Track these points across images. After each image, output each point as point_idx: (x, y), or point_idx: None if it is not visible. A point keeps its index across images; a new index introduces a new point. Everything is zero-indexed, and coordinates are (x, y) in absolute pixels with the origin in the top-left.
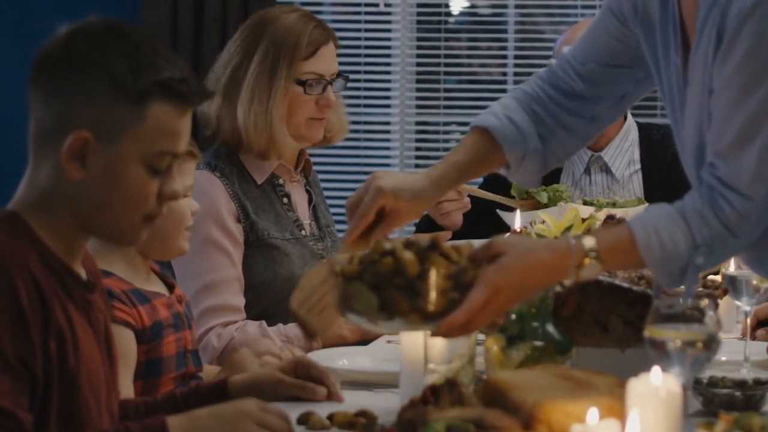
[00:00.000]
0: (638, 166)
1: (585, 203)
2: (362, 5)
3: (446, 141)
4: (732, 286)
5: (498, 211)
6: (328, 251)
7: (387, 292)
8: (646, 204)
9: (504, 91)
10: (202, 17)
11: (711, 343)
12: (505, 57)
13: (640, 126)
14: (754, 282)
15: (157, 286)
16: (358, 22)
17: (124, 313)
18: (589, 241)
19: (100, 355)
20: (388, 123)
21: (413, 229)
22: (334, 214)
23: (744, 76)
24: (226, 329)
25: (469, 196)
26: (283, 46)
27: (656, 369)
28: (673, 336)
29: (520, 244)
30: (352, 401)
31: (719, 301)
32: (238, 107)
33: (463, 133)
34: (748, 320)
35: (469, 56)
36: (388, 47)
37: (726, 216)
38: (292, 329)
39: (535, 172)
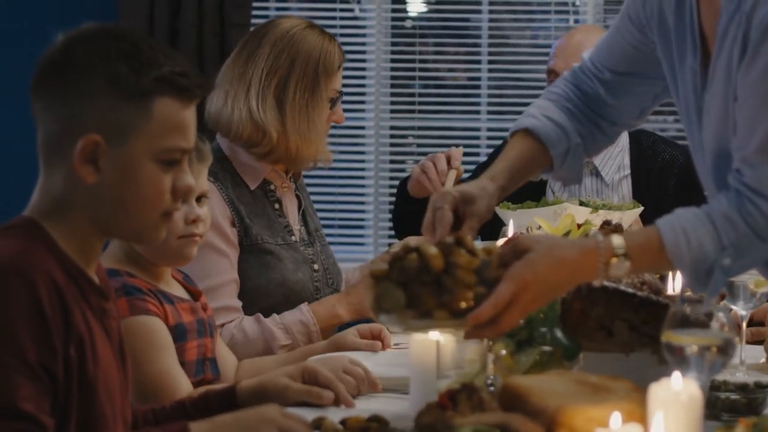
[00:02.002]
0: (628, 171)
1: (581, 203)
2: (337, 10)
3: (420, 146)
4: (729, 290)
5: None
6: (318, 255)
7: (414, 288)
8: (641, 208)
9: (478, 95)
10: (178, 23)
11: (727, 348)
12: (478, 62)
13: (630, 132)
14: (751, 286)
15: (178, 292)
16: (334, 27)
17: (155, 307)
18: (617, 240)
19: (115, 363)
20: (362, 128)
21: None
22: None
23: None
24: (224, 329)
25: None
26: (320, 65)
27: (677, 374)
28: (690, 341)
29: (546, 240)
30: (359, 406)
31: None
32: (289, 124)
33: (437, 137)
34: (744, 324)
35: (443, 61)
36: (363, 52)
37: (754, 220)
38: (289, 317)
39: (579, 167)
